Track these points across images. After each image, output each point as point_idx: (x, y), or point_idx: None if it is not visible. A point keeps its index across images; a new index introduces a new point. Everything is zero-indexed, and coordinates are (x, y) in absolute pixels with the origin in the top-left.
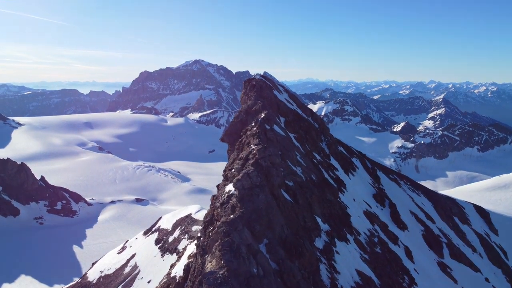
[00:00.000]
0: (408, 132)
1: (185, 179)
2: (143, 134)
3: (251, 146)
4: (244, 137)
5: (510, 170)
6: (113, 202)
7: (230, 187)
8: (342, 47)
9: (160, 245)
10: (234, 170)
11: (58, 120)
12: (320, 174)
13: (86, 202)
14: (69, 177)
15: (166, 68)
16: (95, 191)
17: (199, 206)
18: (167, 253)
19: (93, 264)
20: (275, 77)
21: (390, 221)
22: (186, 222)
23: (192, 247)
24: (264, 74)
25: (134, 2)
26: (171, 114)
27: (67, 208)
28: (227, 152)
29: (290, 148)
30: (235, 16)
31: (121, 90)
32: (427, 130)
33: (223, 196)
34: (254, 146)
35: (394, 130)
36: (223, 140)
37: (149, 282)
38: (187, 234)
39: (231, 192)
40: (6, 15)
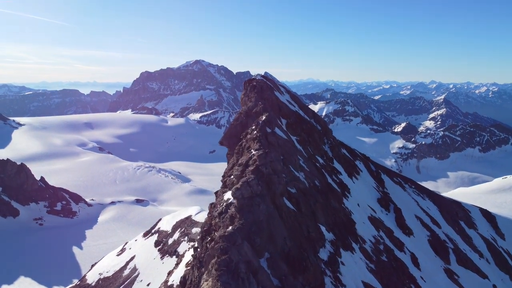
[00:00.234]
0: (409, 132)
1: (185, 180)
2: (144, 134)
3: (252, 151)
4: (244, 140)
5: None
6: (113, 203)
7: (229, 195)
8: (342, 47)
9: (159, 247)
10: (233, 177)
11: (58, 120)
12: (323, 179)
13: (86, 202)
14: (69, 177)
15: (167, 68)
16: (95, 192)
17: (199, 208)
18: (167, 255)
19: (92, 266)
20: (276, 77)
21: (395, 226)
22: (186, 224)
23: (191, 252)
24: (265, 75)
25: (134, 2)
26: (172, 114)
27: (67, 209)
28: (226, 156)
29: (292, 152)
30: (236, 16)
31: (121, 91)
32: (428, 131)
33: (222, 204)
34: (255, 151)
35: (395, 130)
36: (222, 143)
37: (148, 285)
38: (187, 237)
39: (230, 200)
40: (7, 15)
